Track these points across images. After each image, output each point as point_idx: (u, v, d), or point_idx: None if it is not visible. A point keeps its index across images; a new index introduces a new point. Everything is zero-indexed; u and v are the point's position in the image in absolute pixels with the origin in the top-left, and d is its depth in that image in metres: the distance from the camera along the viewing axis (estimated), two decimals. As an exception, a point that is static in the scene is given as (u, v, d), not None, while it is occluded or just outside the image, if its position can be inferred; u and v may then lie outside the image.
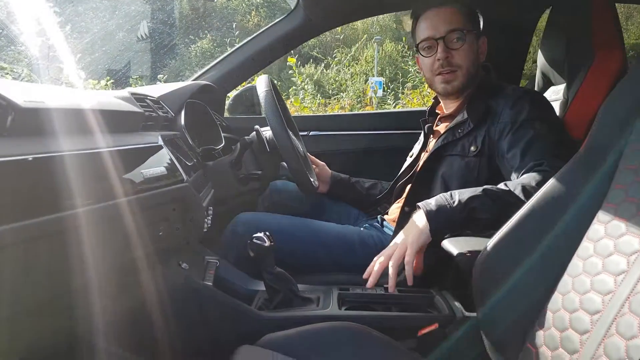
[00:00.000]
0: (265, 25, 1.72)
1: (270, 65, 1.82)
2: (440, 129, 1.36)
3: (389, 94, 7.54)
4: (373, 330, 0.84)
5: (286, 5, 1.78)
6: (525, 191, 0.92)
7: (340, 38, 11.38)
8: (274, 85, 1.24)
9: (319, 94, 7.65)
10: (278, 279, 0.97)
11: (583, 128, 1.14)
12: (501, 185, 0.99)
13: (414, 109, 4.22)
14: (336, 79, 9.67)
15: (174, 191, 0.76)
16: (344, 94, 8.35)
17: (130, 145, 0.69)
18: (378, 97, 7.40)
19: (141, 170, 0.67)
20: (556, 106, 1.29)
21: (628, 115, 0.72)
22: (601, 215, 0.71)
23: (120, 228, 0.62)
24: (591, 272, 0.67)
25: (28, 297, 0.51)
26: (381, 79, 8.86)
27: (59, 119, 0.59)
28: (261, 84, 1.22)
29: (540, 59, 1.48)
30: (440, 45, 1.20)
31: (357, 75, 9.79)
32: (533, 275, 0.75)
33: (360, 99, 8.01)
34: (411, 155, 1.46)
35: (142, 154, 0.72)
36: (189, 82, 1.46)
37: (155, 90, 1.19)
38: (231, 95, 1.90)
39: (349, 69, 10.00)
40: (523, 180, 0.97)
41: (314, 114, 4.13)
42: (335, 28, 3.26)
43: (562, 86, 1.33)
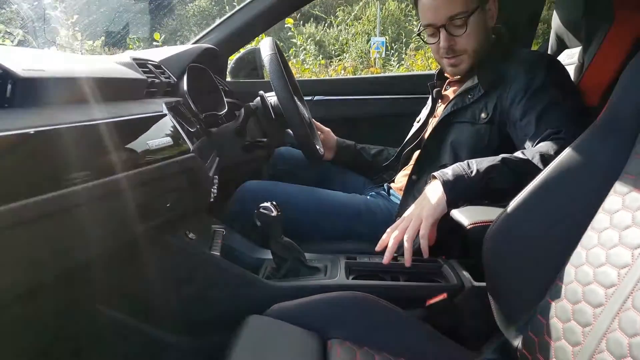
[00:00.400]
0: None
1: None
2: (448, 93, 1.32)
3: (392, 54, 7.37)
4: (382, 300, 0.84)
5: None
6: (543, 160, 0.89)
7: (343, -5, 11.03)
8: (278, 49, 1.20)
9: (321, 55, 7.48)
10: (285, 249, 0.97)
11: (599, 95, 1.10)
12: (518, 154, 0.96)
13: (421, 72, 4.14)
14: (338, 39, 9.43)
15: (180, 162, 0.74)
16: (346, 55, 8.16)
17: (134, 114, 0.67)
18: (382, 59, 7.24)
19: (147, 142, 0.65)
20: (570, 70, 1.24)
21: None
22: (618, 187, 0.69)
23: (128, 202, 0.60)
24: (606, 245, 0.66)
25: (37, 274, 0.50)
26: (383, 38, 8.63)
27: (60, 89, 0.56)
28: (265, 47, 1.18)
29: (554, 19, 1.42)
30: (442, 33, 1.15)
31: (359, 35, 9.54)
32: (545, 246, 0.74)
33: (362, 60, 7.84)
34: (418, 121, 1.43)
35: (147, 124, 0.69)
36: (191, 46, 1.41)
37: (156, 54, 1.15)
38: (233, 58, 1.85)
39: (351, 29, 9.74)
40: (541, 148, 0.94)
41: (318, 78, 4.04)
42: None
43: (578, 49, 1.28)
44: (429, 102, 1.41)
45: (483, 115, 1.12)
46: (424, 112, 1.41)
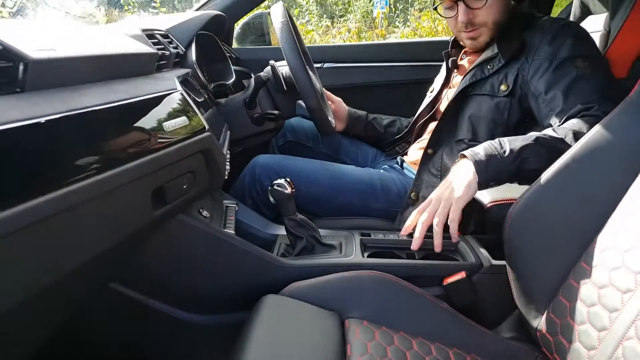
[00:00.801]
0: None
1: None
2: (465, 63, 1.27)
3: (397, 15, 7.14)
4: (401, 280, 0.83)
5: None
6: (577, 139, 0.84)
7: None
8: (289, 16, 1.14)
9: (325, 16, 7.26)
10: (300, 226, 0.96)
11: (628, 65, 1.05)
12: (549, 131, 0.92)
13: (435, 38, 4.00)
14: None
15: (198, 142, 0.71)
16: (350, 15, 7.92)
17: (149, 94, 0.63)
18: (387, 19, 7.01)
19: (163, 123, 0.62)
20: (595, 39, 1.19)
21: None
22: (651, 168, 0.66)
23: (145, 188, 0.58)
24: (634, 230, 0.64)
25: (60, 268, 0.49)
26: (386, -4, 8.33)
27: (73, 69, 0.53)
28: (277, 13, 1.12)
29: (578, -17, 1.35)
30: (461, 6, 1.09)
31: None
32: (571, 226, 0.72)
33: (367, 21, 7.60)
34: (431, 91, 1.38)
35: (162, 103, 0.66)
36: (197, 12, 1.35)
37: (162, 22, 1.10)
38: (239, 23, 1.78)
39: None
40: (573, 126, 0.90)
41: (327, 45, 3.91)
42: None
43: (603, 16, 1.21)
44: (443, 71, 1.36)
45: (503, 87, 1.08)
46: (438, 82, 1.37)
